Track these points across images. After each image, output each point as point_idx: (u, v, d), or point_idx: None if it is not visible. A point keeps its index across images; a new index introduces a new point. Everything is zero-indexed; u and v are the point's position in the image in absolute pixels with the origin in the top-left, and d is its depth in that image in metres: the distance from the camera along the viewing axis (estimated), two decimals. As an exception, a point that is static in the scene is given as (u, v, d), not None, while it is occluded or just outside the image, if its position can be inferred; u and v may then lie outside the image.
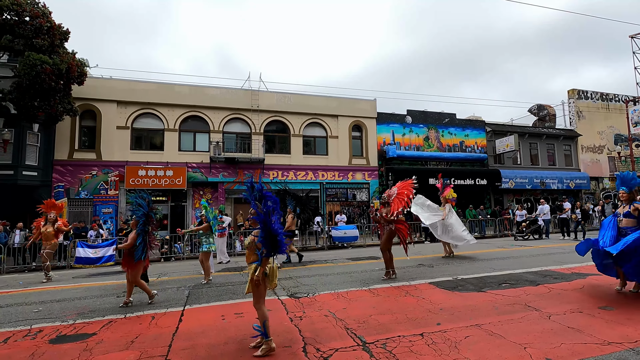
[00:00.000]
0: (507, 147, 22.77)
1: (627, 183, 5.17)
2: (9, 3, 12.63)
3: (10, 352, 3.86)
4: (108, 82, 17.34)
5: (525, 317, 4.27)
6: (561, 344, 3.43)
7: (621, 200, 5.21)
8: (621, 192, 5.18)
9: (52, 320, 5.12)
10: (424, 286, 6.22)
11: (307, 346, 3.64)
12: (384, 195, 7.81)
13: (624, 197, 5.13)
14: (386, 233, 7.35)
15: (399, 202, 7.21)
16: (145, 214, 5.81)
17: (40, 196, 15.35)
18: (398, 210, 7.09)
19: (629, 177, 5.21)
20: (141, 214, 5.81)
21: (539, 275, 6.71)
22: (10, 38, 12.87)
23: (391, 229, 7.27)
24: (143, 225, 5.78)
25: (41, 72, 12.73)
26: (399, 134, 21.70)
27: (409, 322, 4.29)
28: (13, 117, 14.09)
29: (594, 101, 27.62)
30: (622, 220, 5.07)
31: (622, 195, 5.17)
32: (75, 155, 16.36)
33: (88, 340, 4.12)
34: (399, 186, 7.61)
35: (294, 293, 6.11)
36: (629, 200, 5.08)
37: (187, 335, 4.18)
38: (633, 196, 5.09)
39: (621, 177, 5.27)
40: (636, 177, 5.18)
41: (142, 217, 5.79)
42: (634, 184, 5.14)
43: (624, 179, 5.21)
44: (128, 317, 5.11)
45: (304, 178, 19.37)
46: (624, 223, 5.03)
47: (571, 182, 24.66)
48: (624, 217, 5.05)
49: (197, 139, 18.35)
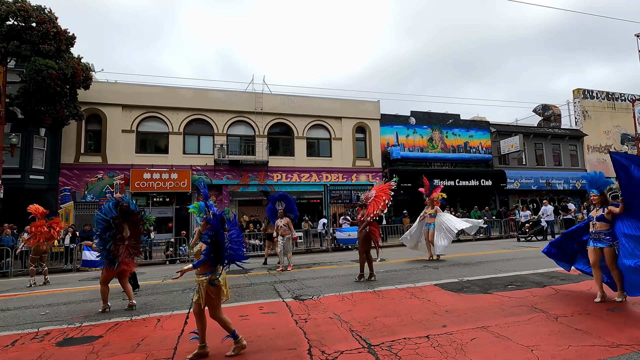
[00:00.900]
0: (512, 148, 22.64)
1: (596, 185, 4.94)
2: (15, 9, 12.82)
3: (18, 355, 3.89)
4: (113, 86, 17.51)
5: (532, 319, 4.23)
6: (569, 346, 3.40)
7: (593, 203, 4.98)
8: (592, 195, 4.95)
9: (59, 322, 5.16)
10: (429, 288, 6.19)
11: (312, 348, 3.63)
12: (362, 197, 7.82)
13: (596, 200, 4.90)
14: (362, 236, 7.43)
15: (375, 204, 7.34)
16: (105, 220, 5.56)
17: (47, 200, 15.53)
18: (374, 212, 7.22)
19: (597, 177, 4.97)
20: (100, 219, 5.66)
21: (545, 277, 6.65)
22: (17, 44, 13.05)
23: (366, 231, 7.35)
24: (102, 231, 5.65)
25: (47, 77, 12.89)
26: (403, 135, 21.66)
27: (415, 324, 4.27)
28: (20, 121, 14.27)
29: (600, 101, 27.40)
30: (595, 224, 4.86)
31: (593, 197, 4.94)
32: (82, 159, 16.51)
33: (94, 343, 4.15)
34: (377, 189, 7.66)
35: (299, 295, 6.10)
36: (601, 203, 4.87)
37: (192, 337, 4.18)
38: (604, 198, 4.89)
39: (589, 178, 5.03)
40: (604, 178, 4.95)
41: (100, 222, 5.58)
42: (603, 185, 4.92)
43: (593, 180, 4.98)
44: (134, 319, 5.13)
45: (307, 180, 19.38)
46: (598, 227, 4.84)
47: (577, 182, 24.45)
48: (598, 220, 4.84)
49: (202, 141, 18.45)
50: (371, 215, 7.23)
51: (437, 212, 9.77)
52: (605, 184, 4.91)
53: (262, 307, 5.47)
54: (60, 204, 15.86)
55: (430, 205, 9.92)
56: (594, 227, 4.90)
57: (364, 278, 7.22)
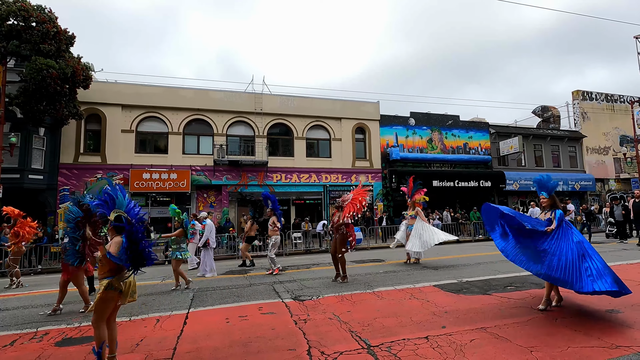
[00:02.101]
0: (511, 149, 22.68)
1: (545, 187, 4.87)
2: (16, 9, 12.81)
3: (17, 355, 3.89)
4: (113, 86, 17.49)
5: (531, 320, 4.24)
6: (568, 347, 3.40)
7: (542, 206, 4.93)
8: (541, 197, 4.88)
9: (58, 323, 5.15)
10: (428, 289, 6.19)
11: (312, 349, 3.63)
12: (338, 200, 7.87)
13: (545, 203, 4.84)
14: (339, 237, 7.47)
15: (352, 206, 7.44)
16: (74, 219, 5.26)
17: (46, 199, 15.51)
18: (350, 214, 7.33)
19: (545, 180, 4.90)
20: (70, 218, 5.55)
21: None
22: (17, 43, 13.04)
23: (343, 233, 7.43)
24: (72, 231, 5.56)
25: (47, 77, 12.87)
26: (403, 136, 21.68)
27: (414, 325, 4.27)
28: (19, 121, 14.26)
29: (599, 102, 27.46)
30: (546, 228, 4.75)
31: (542, 200, 4.88)
32: (81, 159, 16.49)
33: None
34: (354, 192, 7.75)
35: (298, 296, 6.10)
36: (550, 206, 4.81)
37: (191, 338, 4.18)
38: (554, 200, 4.82)
39: (538, 181, 4.97)
40: (552, 180, 4.90)
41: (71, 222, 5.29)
42: (552, 187, 4.86)
43: (541, 182, 4.91)
44: (133, 320, 5.12)
45: (307, 181, 19.38)
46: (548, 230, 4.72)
47: (576, 183, 24.50)
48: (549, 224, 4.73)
49: (201, 142, 18.44)
50: (347, 217, 7.33)
51: (417, 214, 9.62)
52: (553, 187, 4.86)
53: (261, 307, 5.46)
54: (59, 203, 15.83)
55: (412, 207, 9.81)
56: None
57: (346, 280, 7.24)
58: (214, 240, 10.27)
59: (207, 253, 9.55)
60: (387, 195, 20.62)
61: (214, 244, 10.14)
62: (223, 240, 15.51)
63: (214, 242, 10.28)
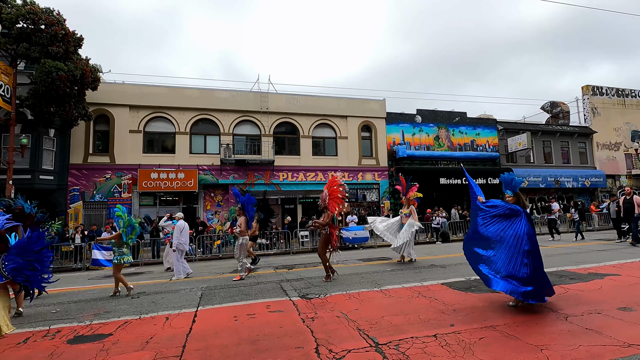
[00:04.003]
0: (519, 146, 22.42)
1: (509, 185, 4.81)
2: (25, 12, 12.99)
3: (31, 352, 3.96)
4: (120, 87, 17.68)
5: (541, 319, 4.19)
6: (579, 345, 3.36)
7: None
8: (507, 196, 4.83)
9: (70, 320, 5.23)
10: (436, 287, 6.16)
11: (320, 347, 3.64)
12: (319, 202, 7.59)
13: (511, 201, 4.78)
14: (322, 238, 7.40)
15: (334, 202, 7.31)
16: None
17: (57, 200, 15.74)
18: (338, 209, 7.24)
19: (509, 179, 4.84)
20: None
21: (554, 276, 6.57)
22: (27, 46, 13.24)
23: (326, 233, 7.33)
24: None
25: (56, 79, 13.06)
26: (409, 134, 21.56)
27: (422, 323, 4.25)
28: (30, 122, 14.48)
29: (610, 97, 26.99)
30: None
31: (507, 198, 4.82)
32: (90, 159, 16.71)
33: (104, 341, 4.20)
34: (328, 187, 7.52)
35: (306, 294, 6.11)
36: (516, 204, 4.74)
37: (200, 336, 4.22)
38: (519, 198, 4.76)
39: (503, 179, 4.92)
40: (516, 178, 4.83)
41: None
42: (516, 185, 4.79)
43: (506, 181, 4.86)
44: (143, 318, 5.18)
45: (313, 179, 19.40)
46: None
47: (587, 180, 24.14)
48: None
49: (208, 141, 18.56)
50: (336, 213, 7.22)
51: (411, 212, 9.47)
52: (518, 184, 4.80)
53: (269, 305, 5.49)
54: (69, 203, 16.07)
55: (406, 205, 9.67)
56: None
57: (332, 276, 7.28)
58: (186, 242, 9.53)
59: (176, 255, 9.27)
60: (394, 193, 20.55)
61: (185, 246, 9.49)
62: (230, 240, 15.60)
63: (186, 243, 9.59)
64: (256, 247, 11.69)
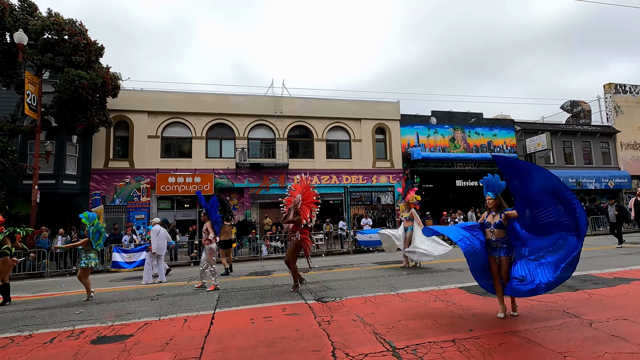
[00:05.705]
0: (538, 146, 21.87)
1: (492, 187, 4.58)
2: (49, 23, 13.53)
3: (57, 352, 4.10)
4: (139, 93, 18.17)
5: (564, 324, 4.07)
6: (605, 353, 3.25)
7: (488, 207, 4.63)
8: (487, 199, 4.59)
9: (93, 321, 5.39)
10: (453, 291, 6.07)
11: (336, 351, 3.63)
12: (290, 206, 7.16)
13: (491, 204, 4.53)
14: (292, 244, 7.10)
15: (306, 208, 7.02)
16: None
17: (79, 204, 16.26)
18: (310, 214, 6.97)
19: (492, 181, 4.58)
20: None
21: (577, 280, 6.38)
22: (51, 56, 13.78)
23: (297, 239, 6.98)
24: None
25: (79, 87, 13.53)
26: (424, 136, 21.33)
27: (440, 327, 4.19)
28: (54, 129, 15.05)
29: (634, 95, 26.05)
30: (494, 232, 4.48)
31: (488, 201, 4.58)
32: (110, 164, 17.20)
33: (126, 342, 4.31)
34: (299, 191, 7.17)
35: (322, 297, 6.12)
36: (497, 207, 4.51)
37: (218, 338, 4.28)
38: (500, 202, 4.53)
39: (486, 181, 4.68)
40: (499, 181, 4.58)
41: None
42: (498, 188, 4.56)
43: (489, 183, 4.62)
44: (162, 319, 5.29)
45: (327, 182, 19.41)
46: (496, 235, 4.45)
47: (610, 181, 23.32)
48: (496, 227, 4.44)
49: (223, 145, 18.84)
50: (307, 220, 6.91)
51: (412, 216, 9.24)
52: (501, 188, 4.56)
53: (285, 308, 5.52)
54: (91, 207, 16.56)
55: (407, 208, 9.42)
56: (492, 234, 4.50)
57: (300, 285, 6.98)
58: (163, 247, 9.48)
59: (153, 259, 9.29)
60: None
61: (162, 250, 9.44)
62: (245, 242, 15.78)
63: (163, 249, 9.50)
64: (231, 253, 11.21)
